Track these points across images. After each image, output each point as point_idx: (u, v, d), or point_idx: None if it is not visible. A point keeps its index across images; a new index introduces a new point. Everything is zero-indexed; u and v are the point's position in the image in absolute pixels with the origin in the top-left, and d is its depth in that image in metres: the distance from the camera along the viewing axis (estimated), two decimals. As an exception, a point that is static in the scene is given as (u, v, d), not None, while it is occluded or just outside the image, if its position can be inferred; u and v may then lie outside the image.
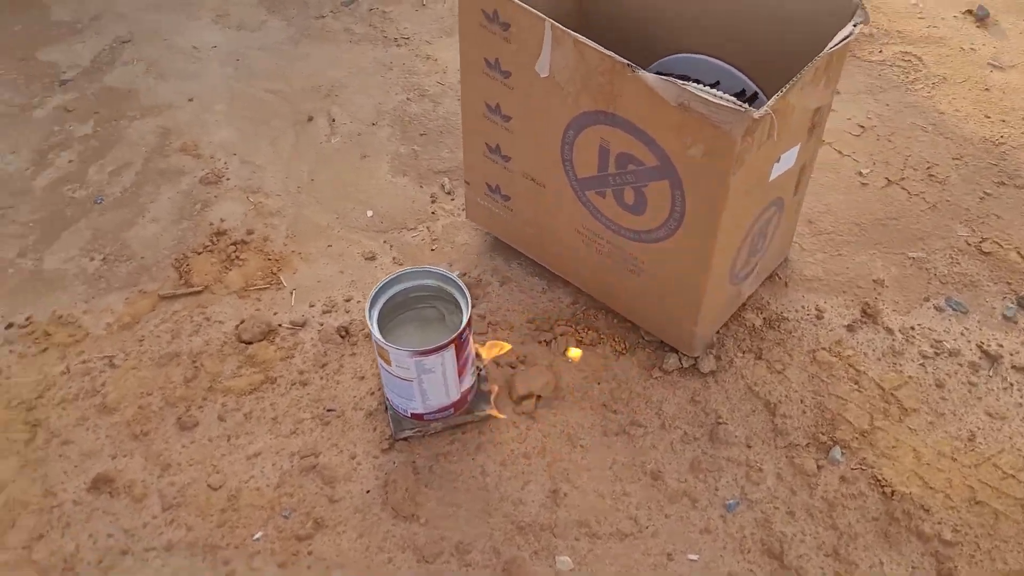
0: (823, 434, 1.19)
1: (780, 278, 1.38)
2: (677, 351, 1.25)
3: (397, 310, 1.12)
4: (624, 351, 1.28)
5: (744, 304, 1.33)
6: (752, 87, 1.22)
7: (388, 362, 1.06)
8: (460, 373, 1.10)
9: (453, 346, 1.05)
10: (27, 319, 1.32)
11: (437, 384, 1.08)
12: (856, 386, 1.24)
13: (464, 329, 1.05)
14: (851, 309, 1.34)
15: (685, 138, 1.00)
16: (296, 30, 1.88)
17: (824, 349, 1.29)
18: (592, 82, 1.04)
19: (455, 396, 1.12)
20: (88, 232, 1.46)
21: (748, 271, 1.23)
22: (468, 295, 1.08)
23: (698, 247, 1.09)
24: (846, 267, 1.40)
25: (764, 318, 1.32)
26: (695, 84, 0.96)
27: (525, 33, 1.07)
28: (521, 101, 1.15)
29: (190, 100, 1.70)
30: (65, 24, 1.88)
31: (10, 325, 1.32)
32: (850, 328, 1.31)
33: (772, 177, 1.10)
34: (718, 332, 1.29)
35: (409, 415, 1.14)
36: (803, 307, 1.34)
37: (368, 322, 1.05)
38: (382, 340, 1.04)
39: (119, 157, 1.59)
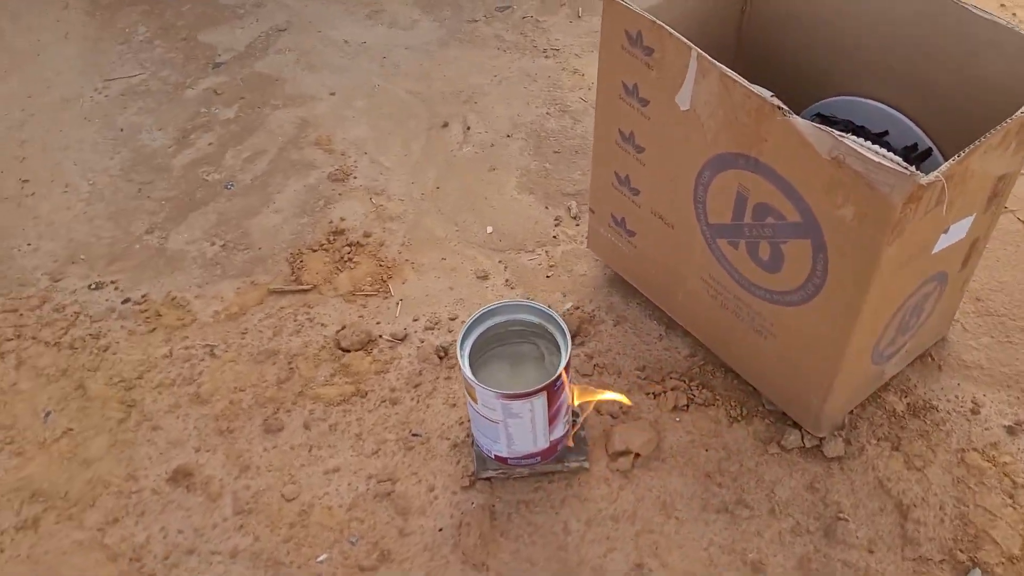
0: (962, 551, 1.02)
1: (933, 359, 1.21)
2: (800, 427, 1.12)
3: (493, 342, 1.05)
4: (739, 418, 1.15)
5: (886, 384, 1.17)
6: (926, 142, 1.06)
7: (475, 400, 0.98)
8: (551, 421, 1.01)
9: (545, 393, 0.96)
10: (143, 296, 1.34)
11: (524, 430, 0.99)
12: (1010, 500, 1.06)
13: (559, 376, 0.96)
14: (1015, 408, 1.15)
15: (836, 196, 0.87)
16: (446, 32, 1.84)
17: (976, 450, 1.11)
18: (736, 122, 0.93)
19: (543, 444, 1.04)
20: (214, 216, 1.47)
21: (894, 351, 1.08)
22: (569, 339, 0.98)
23: (838, 319, 0.96)
24: (1016, 358, 1.21)
25: (908, 403, 1.16)
26: (854, 136, 0.83)
27: (669, 60, 0.97)
28: (657, 133, 1.05)
29: (332, 94, 1.69)
30: (229, 8, 1.92)
31: (127, 300, 1.33)
32: (1011, 431, 1.13)
33: (936, 249, 0.95)
34: (851, 412, 1.14)
35: (493, 456, 1.06)
36: (957, 397, 1.17)
37: (459, 354, 0.98)
38: (470, 376, 0.96)
39: (256, 144, 1.59)
